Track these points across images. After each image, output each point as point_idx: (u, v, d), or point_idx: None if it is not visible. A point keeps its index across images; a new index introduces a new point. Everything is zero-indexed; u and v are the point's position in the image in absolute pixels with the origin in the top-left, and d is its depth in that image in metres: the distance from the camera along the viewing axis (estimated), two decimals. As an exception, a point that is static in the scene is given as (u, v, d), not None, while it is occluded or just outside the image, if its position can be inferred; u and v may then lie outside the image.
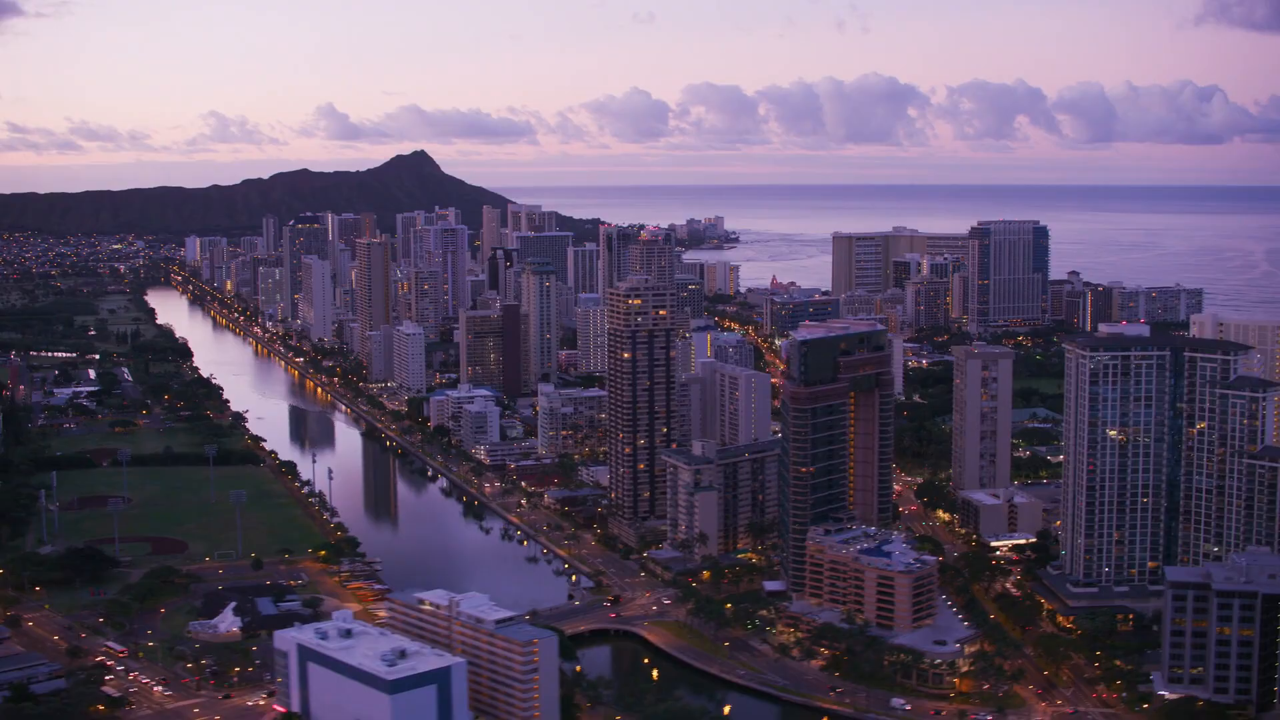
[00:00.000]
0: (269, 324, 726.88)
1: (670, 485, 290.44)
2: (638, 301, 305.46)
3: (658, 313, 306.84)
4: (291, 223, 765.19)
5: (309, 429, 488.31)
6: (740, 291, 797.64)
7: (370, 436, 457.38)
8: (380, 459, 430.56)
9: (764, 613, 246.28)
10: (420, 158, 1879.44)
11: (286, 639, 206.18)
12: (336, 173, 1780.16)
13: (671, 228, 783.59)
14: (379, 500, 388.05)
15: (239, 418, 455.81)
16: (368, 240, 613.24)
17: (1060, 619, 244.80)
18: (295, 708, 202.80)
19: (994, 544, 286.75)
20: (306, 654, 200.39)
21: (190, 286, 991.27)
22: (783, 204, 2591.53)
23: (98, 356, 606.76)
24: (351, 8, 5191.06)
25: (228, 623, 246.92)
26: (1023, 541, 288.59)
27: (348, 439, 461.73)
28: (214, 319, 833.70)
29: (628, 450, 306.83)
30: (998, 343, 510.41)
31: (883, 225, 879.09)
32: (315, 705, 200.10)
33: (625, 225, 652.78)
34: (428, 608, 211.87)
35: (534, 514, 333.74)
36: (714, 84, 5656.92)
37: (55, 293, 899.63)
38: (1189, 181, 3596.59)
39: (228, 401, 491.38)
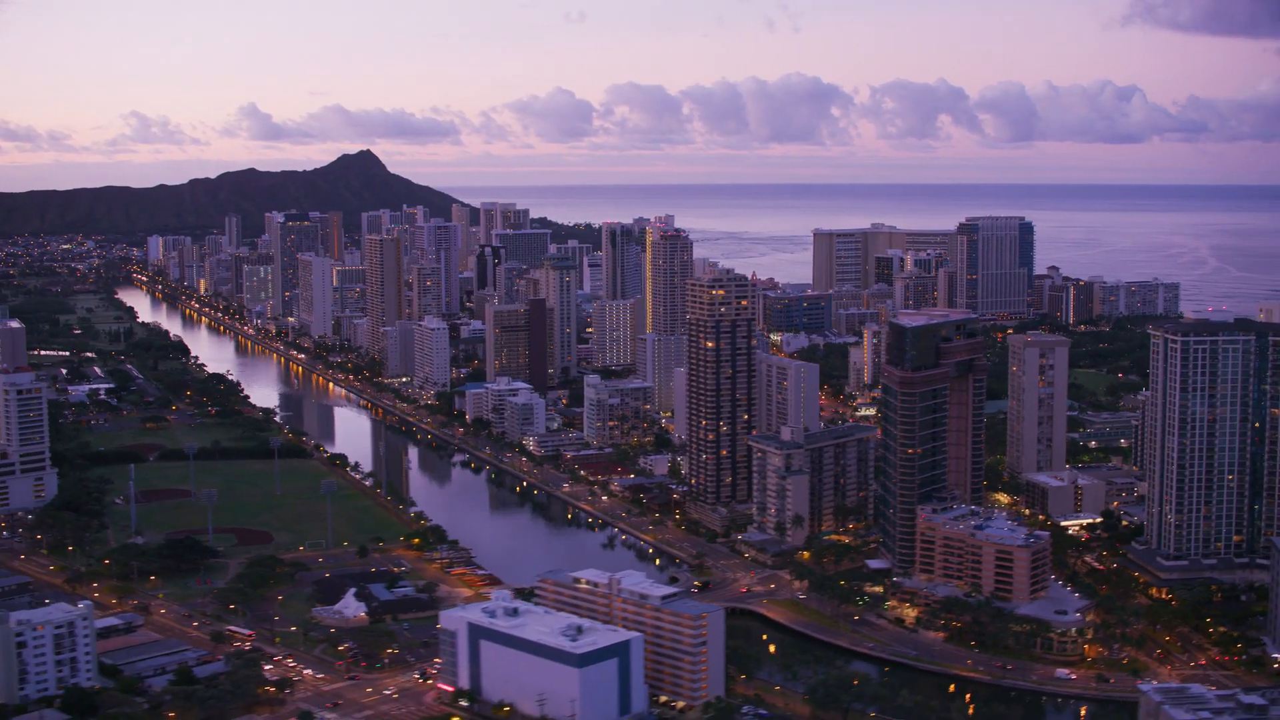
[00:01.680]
0: (257, 321, 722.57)
1: (759, 470, 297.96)
2: (721, 292, 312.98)
3: (739, 303, 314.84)
4: (282, 220, 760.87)
5: (330, 423, 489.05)
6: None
7: (399, 430, 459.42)
8: (420, 453, 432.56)
9: (876, 589, 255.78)
10: (366, 157, 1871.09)
11: (454, 618, 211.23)
12: (283, 172, 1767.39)
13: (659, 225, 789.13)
14: (432, 490, 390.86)
15: (269, 412, 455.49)
16: (380, 237, 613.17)
17: (1154, 591, 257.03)
18: (464, 685, 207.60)
19: (1064, 523, 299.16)
20: (478, 632, 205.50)
21: (159, 286, 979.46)
22: (709, 203, 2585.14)
23: (94, 355, 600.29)
24: (274, 7, 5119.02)
25: (352, 608, 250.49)
26: (1090, 521, 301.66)
27: (372, 433, 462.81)
28: (188, 317, 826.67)
29: (711, 437, 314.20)
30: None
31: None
32: (487, 682, 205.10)
33: (628, 224, 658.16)
34: (585, 586, 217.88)
35: (603, 502, 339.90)
36: (638, 84, 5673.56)
37: (24, 293, 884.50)
38: (1108, 180, 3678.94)
39: (247, 396, 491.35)
